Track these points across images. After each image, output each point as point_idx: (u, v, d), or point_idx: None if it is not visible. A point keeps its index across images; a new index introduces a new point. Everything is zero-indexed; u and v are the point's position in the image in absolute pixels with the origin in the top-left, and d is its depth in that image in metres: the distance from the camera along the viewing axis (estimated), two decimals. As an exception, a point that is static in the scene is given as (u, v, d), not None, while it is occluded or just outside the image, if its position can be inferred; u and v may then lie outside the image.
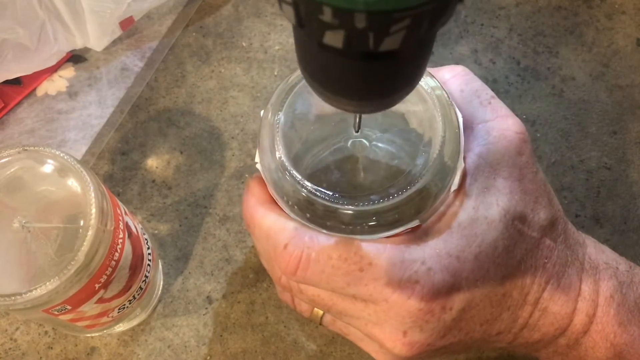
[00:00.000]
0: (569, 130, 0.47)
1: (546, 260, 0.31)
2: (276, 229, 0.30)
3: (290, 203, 0.30)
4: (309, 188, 0.29)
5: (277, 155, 0.29)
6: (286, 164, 0.29)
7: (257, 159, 0.32)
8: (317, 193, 0.29)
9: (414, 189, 0.28)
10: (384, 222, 0.29)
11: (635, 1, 0.51)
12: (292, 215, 0.31)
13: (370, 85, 0.21)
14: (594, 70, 0.48)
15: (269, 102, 0.31)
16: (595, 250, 0.33)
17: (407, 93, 0.23)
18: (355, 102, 0.23)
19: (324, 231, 0.30)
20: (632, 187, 0.45)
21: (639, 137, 0.46)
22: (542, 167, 0.45)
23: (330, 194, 0.29)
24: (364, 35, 0.17)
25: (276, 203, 0.32)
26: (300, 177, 0.29)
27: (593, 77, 0.48)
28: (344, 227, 0.29)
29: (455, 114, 0.30)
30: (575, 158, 0.46)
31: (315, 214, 0.30)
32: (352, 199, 0.29)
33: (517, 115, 0.32)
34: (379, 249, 0.29)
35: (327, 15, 0.17)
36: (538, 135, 0.46)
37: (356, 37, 0.18)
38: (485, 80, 0.48)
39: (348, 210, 0.29)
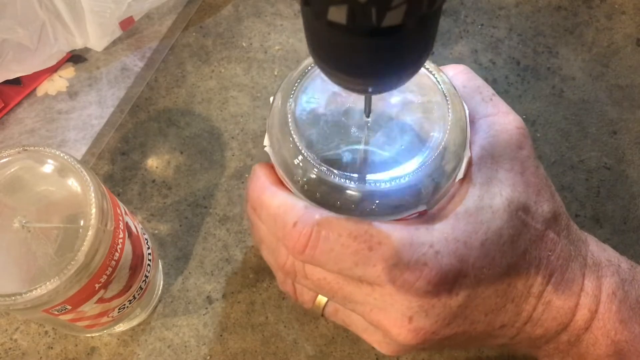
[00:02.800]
0: (569, 130, 0.47)
1: (550, 253, 0.31)
2: (285, 208, 0.30)
3: (300, 183, 0.30)
4: (321, 167, 0.29)
5: (288, 137, 0.30)
6: (298, 144, 0.29)
7: (265, 142, 0.32)
8: (328, 172, 0.29)
9: (420, 173, 0.29)
10: (391, 205, 0.30)
11: (635, 1, 0.51)
12: (301, 196, 0.31)
13: (376, 62, 0.22)
14: (594, 70, 0.48)
15: (280, 87, 0.32)
16: (598, 248, 0.33)
17: (415, 72, 0.23)
18: (362, 81, 0.23)
19: (332, 213, 0.30)
20: (632, 187, 0.45)
21: (639, 137, 0.46)
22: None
23: (342, 172, 0.29)
24: (366, 9, 0.18)
25: (283, 186, 0.32)
26: (312, 156, 0.29)
27: (593, 77, 0.48)
28: (353, 207, 0.30)
29: (462, 105, 0.31)
30: (575, 158, 0.46)
31: (325, 195, 0.30)
32: (360, 180, 0.29)
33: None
34: (389, 229, 0.29)
35: None
36: (538, 135, 0.46)
37: (359, 12, 0.18)
38: (485, 80, 0.48)
39: (357, 191, 0.29)
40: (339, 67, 0.22)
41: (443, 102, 0.30)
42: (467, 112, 0.31)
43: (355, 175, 0.29)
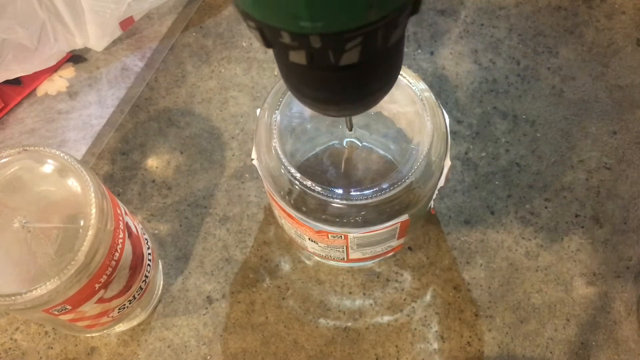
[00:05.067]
0: (569, 130, 0.47)
1: None
2: None
3: (287, 198, 0.31)
4: (305, 183, 0.30)
5: (274, 152, 0.30)
6: (283, 160, 0.30)
7: (253, 156, 0.33)
8: (312, 188, 0.30)
9: (404, 185, 0.30)
10: (375, 215, 0.30)
11: (635, 1, 0.51)
12: (288, 209, 0.31)
13: (344, 91, 0.23)
14: (594, 70, 0.48)
15: (265, 101, 0.32)
16: None
17: (385, 93, 0.24)
18: (334, 107, 0.24)
19: (319, 224, 0.30)
20: (632, 187, 0.45)
21: (639, 137, 0.46)
22: (542, 167, 0.45)
23: (325, 188, 0.30)
24: (323, 53, 0.19)
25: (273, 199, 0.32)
26: (295, 172, 0.30)
27: (593, 77, 0.48)
28: (337, 220, 0.30)
29: (443, 114, 0.32)
30: (575, 158, 0.46)
31: (310, 208, 0.31)
32: (345, 194, 0.30)
33: (517, 115, 0.32)
34: None
35: (286, 39, 0.18)
36: (538, 135, 0.46)
37: (316, 55, 0.19)
38: (485, 80, 0.48)
39: (341, 204, 0.30)
40: (309, 96, 0.23)
41: (423, 114, 0.31)
42: (447, 121, 0.32)
43: (339, 189, 0.30)
